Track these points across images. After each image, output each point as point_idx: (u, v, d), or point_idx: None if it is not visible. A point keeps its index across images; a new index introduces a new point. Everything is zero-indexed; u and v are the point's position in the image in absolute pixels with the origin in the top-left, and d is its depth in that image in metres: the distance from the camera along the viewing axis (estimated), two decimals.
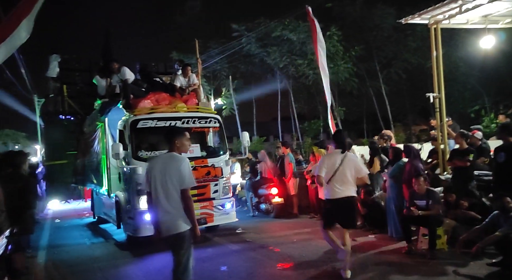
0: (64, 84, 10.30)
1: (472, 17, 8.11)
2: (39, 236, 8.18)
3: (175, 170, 3.46)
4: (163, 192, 3.47)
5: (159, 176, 3.48)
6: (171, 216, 3.46)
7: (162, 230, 3.51)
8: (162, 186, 3.47)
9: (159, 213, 3.51)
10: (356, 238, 6.45)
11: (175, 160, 3.53)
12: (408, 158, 6.24)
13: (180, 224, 3.46)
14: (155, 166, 3.57)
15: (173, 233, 3.45)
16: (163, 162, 3.55)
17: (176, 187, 3.46)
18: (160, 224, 3.52)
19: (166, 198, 3.46)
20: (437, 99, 8.02)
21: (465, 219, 5.67)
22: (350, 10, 19.70)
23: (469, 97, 20.80)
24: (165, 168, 3.49)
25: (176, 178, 3.45)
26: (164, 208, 3.47)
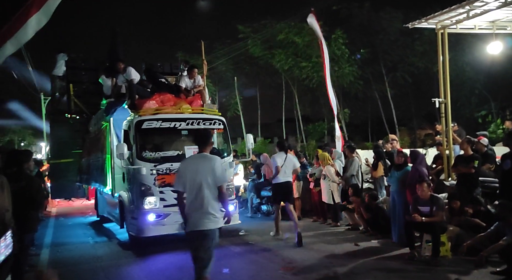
0: (71, 83, 10.36)
1: (479, 23, 8.07)
2: (43, 234, 8.24)
3: (210, 169, 3.65)
4: (198, 191, 3.62)
5: (194, 176, 3.64)
6: (201, 214, 3.60)
7: (190, 224, 3.64)
8: (197, 185, 3.62)
9: (193, 210, 3.64)
10: (359, 243, 6.43)
11: (208, 159, 3.73)
12: (413, 163, 6.21)
13: (212, 221, 3.62)
14: (188, 166, 3.73)
15: (199, 229, 3.59)
16: (197, 162, 3.72)
17: (210, 185, 3.64)
18: (190, 219, 3.64)
19: (201, 196, 3.62)
20: (443, 105, 7.98)
21: (470, 226, 5.63)
22: (357, 13, 19.66)
23: (476, 102, 20.67)
24: (199, 168, 3.66)
25: (211, 177, 3.63)
26: (194, 206, 3.62)
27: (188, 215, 3.67)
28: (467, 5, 7.04)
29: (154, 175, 6.54)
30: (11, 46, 5.02)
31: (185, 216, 3.71)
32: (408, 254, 5.53)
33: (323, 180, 8.20)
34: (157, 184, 6.54)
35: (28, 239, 4.75)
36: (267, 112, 26.60)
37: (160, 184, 6.56)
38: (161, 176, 6.58)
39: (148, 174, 6.51)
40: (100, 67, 10.26)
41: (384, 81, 20.29)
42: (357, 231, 7.38)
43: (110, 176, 7.55)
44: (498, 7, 6.95)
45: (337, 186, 8.07)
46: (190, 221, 3.65)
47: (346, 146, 8.57)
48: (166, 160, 6.74)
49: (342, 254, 5.88)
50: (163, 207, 6.53)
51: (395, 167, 6.56)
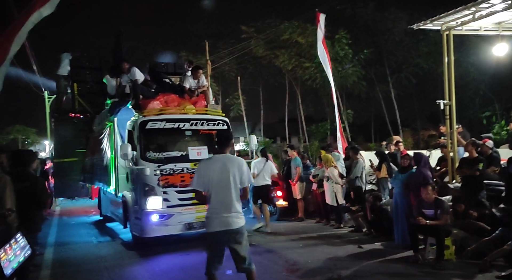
0: (75, 83, 10.39)
1: (485, 24, 8.01)
2: (47, 233, 8.27)
3: (238, 169, 3.72)
4: (222, 191, 3.66)
5: (220, 176, 3.67)
6: (230, 212, 3.66)
7: (218, 224, 3.66)
8: (221, 185, 3.67)
9: (216, 210, 3.67)
10: (363, 245, 6.42)
11: (234, 160, 3.81)
12: (417, 165, 6.19)
13: (240, 219, 3.73)
14: (211, 167, 3.73)
15: (230, 228, 3.65)
16: (222, 163, 3.73)
17: (236, 186, 3.72)
18: (218, 219, 3.66)
19: (227, 195, 3.67)
20: (448, 106, 7.94)
21: (474, 229, 5.60)
22: (362, 13, 19.58)
23: (480, 103, 20.56)
24: (226, 168, 3.69)
25: (237, 177, 3.71)
26: (222, 205, 3.66)
27: (215, 215, 3.67)
28: (473, 7, 7.00)
29: (158, 175, 6.55)
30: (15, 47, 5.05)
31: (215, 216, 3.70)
32: (412, 257, 5.51)
33: (327, 182, 8.19)
34: (161, 184, 6.55)
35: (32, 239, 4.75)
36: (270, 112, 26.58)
37: (164, 184, 6.56)
38: (165, 176, 6.59)
39: (152, 174, 6.51)
40: (105, 66, 10.29)
41: (388, 82, 20.21)
42: (361, 232, 7.37)
43: (114, 176, 7.57)
44: (504, 8, 6.90)
45: (340, 187, 8.06)
46: (219, 220, 3.65)
47: (350, 148, 8.54)
48: (170, 160, 6.75)
49: (346, 256, 5.87)
50: (167, 207, 6.53)
51: (399, 169, 6.53)
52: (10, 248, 3.40)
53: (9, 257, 3.36)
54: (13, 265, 3.35)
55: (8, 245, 3.39)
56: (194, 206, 6.69)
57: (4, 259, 3.30)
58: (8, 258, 3.34)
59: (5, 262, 3.30)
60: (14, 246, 3.45)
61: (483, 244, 4.91)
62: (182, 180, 6.66)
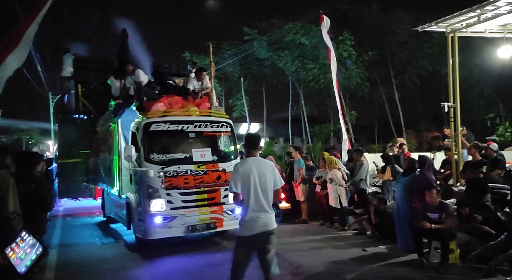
0: (79, 84, 10.43)
1: (490, 26, 7.99)
2: (51, 234, 8.28)
3: (270, 172, 3.83)
4: (260, 193, 3.74)
5: (255, 178, 3.74)
6: (267, 214, 3.76)
7: (258, 227, 3.71)
8: (259, 188, 3.74)
9: (255, 212, 3.73)
10: (367, 248, 6.40)
11: (266, 163, 3.92)
12: (421, 168, 6.15)
13: (274, 221, 3.81)
14: (247, 170, 3.79)
15: (269, 229, 3.74)
16: (257, 166, 3.82)
17: (271, 188, 3.81)
18: (257, 221, 3.72)
19: (264, 198, 3.75)
20: (452, 109, 7.91)
21: (479, 233, 5.57)
22: (366, 14, 19.54)
23: (484, 104, 20.47)
24: (261, 171, 3.79)
25: (272, 179, 3.82)
26: (261, 207, 3.74)
27: (254, 218, 3.71)
28: (478, 9, 6.98)
29: (162, 177, 6.55)
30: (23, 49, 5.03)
31: (250, 218, 3.74)
32: (416, 261, 5.48)
33: (330, 184, 8.17)
34: (164, 186, 6.55)
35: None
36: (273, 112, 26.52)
37: (167, 186, 6.57)
38: (168, 178, 6.59)
39: (156, 176, 6.52)
40: (109, 68, 10.33)
41: (391, 83, 20.15)
42: (365, 235, 7.34)
43: (118, 177, 7.58)
44: (510, 11, 6.88)
45: (344, 190, 8.03)
46: (258, 223, 3.70)
47: (354, 150, 8.52)
48: (174, 162, 6.75)
49: (350, 260, 5.85)
50: (170, 209, 6.54)
51: (402, 172, 6.51)
52: (18, 246, 3.38)
53: (19, 255, 3.33)
54: (26, 263, 3.33)
55: (15, 243, 3.37)
56: (198, 208, 6.71)
57: (14, 257, 3.28)
58: (18, 256, 3.32)
59: (16, 260, 3.28)
60: (22, 244, 3.42)
61: (488, 249, 4.88)
62: (185, 182, 6.67)
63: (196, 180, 6.74)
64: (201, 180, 6.78)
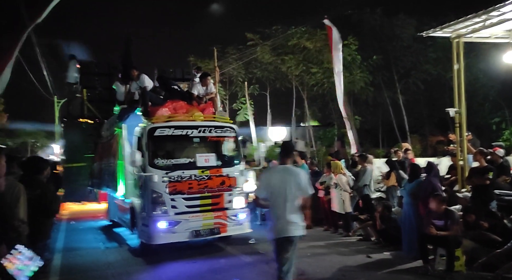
0: (84, 88, 10.52)
1: (496, 32, 7.93)
2: (55, 238, 8.31)
3: (297, 180, 3.92)
4: (286, 200, 3.85)
5: (281, 186, 3.88)
6: (288, 221, 3.84)
7: (282, 231, 3.84)
8: (281, 195, 3.86)
9: (276, 218, 3.88)
10: (371, 255, 6.35)
11: (295, 171, 4.03)
12: (428, 174, 6.12)
13: (298, 229, 3.89)
14: (274, 177, 3.99)
15: (287, 235, 3.84)
16: (284, 173, 3.97)
17: (295, 196, 3.90)
18: (280, 226, 3.85)
19: (289, 204, 3.85)
20: (458, 114, 7.86)
21: (485, 240, 5.51)
22: (369, 18, 19.52)
23: (489, 109, 20.33)
24: (286, 179, 3.91)
25: (297, 188, 3.90)
26: (286, 213, 3.84)
27: (278, 223, 3.87)
28: (483, 15, 6.94)
29: (166, 182, 6.56)
30: None
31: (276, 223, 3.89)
32: (421, 268, 5.44)
33: (334, 189, 8.13)
34: (169, 191, 6.56)
35: (42, 247, 4.78)
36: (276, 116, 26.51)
37: (172, 191, 6.58)
38: (173, 183, 6.60)
39: (160, 181, 6.53)
40: (114, 72, 10.41)
41: (396, 87, 20.08)
42: (369, 241, 7.29)
43: (122, 182, 7.60)
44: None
45: (348, 195, 7.99)
46: (281, 228, 3.85)
47: (358, 155, 8.49)
48: (178, 167, 6.76)
49: (355, 266, 5.81)
50: (174, 214, 6.54)
51: (408, 179, 6.47)
52: (15, 258, 3.38)
53: (18, 266, 3.35)
54: (26, 274, 3.34)
55: (11, 256, 3.37)
56: (201, 213, 6.71)
57: (13, 268, 3.29)
58: (16, 267, 3.33)
59: (15, 270, 3.30)
60: (19, 256, 3.43)
61: (495, 256, 4.82)
62: (189, 187, 6.68)
63: (200, 185, 6.75)
64: (205, 185, 6.79)
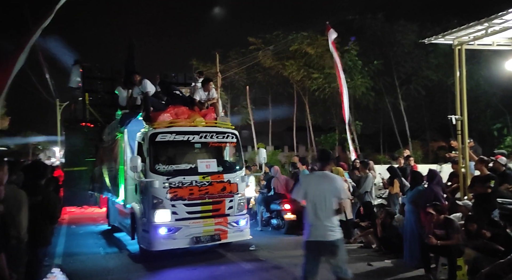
0: (87, 92, 10.54)
1: (498, 39, 7.94)
2: (55, 243, 8.27)
3: (334, 186, 4.09)
4: (323, 205, 4.00)
5: (318, 192, 4.05)
6: (328, 225, 3.98)
7: (317, 235, 3.98)
8: (318, 200, 4.02)
9: (312, 221, 4.02)
10: (372, 263, 6.31)
11: (331, 177, 4.20)
12: (430, 182, 6.09)
13: (336, 232, 4.01)
14: (312, 182, 4.20)
15: (325, 240, 3.96)
16: (321, 179, 4.15)
17: (332, 200, 4.03)
18: (317, 230, 3.99)
19: (325, 210, 3.99)
20: (459, 122, 7.84)
21: (488, 250, 5.47)
22: (371, 24, 19.59)
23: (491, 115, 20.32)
24: (324, 185, 4.08)
25: (334, 193, 4.06)
26: (322, 218, 3.98)
27: (313, 226, 4.01)
28: (485, 22, 6.94)
29: (167, 188, 6.54)
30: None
31: (312, 228, 4.02)
32: (423, 277, 5.40)
33: None
34: (169, 197, 6.54)
35: (42, 253, 4.76)
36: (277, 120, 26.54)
37: (172, 197, 6.55)
38: (174, 189, 6.58)
39: (161, 187, 6.51)
40: (116, 77, 10.43)
41: (397, 93, 20.10)
42: (370, 249, 7.25)
43: (123, 187, 7.59)
44: None
45: (349, 201, 7.96)
46: (316, 231, 3.99)
47: (360, 162, 8.47)
48: (179, 173, 6.74)
49: (356, 275, 5.70)
50: (175, 220, 6.52)
51: (410, 186, 6.45)
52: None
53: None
54: None
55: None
56: (202, 219, 6.68)
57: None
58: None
59: None
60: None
61: (498, 267, 4.77)
62: (190, 192, 6.65)
63: (201, 191, 6.73)
64: (206, 191, 6.76)
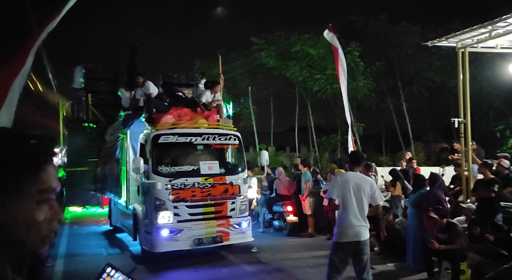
0: (89, 93, 10.56)
1: (502, 42, 7.92)
2: (58, 243, 8.30)
3: (369, 187, 4.14)
4: (355, 204, 4.04)
5: (353, 192, 4.06)
6: (360, 224, 4.03)
7: (351, 235, 4.01)
8: (354, 199, 4.05)
9: (348, 221, 4.02)
10: (374, 266, 6.27)
11: (366, 180, 4.24)
12: (431, 186, 6.08)
13: (367, 232, 4.11)
14: (348, 181, 4.13)
15: (360, 239, 4.01)
16: (356, 180, 4.15)
17: (367, 202, 4.11)
18: (350, 230, 4.01)
19: (359, 210, 4.04)
20: (462, 125, 7.82)
21: (491, 254, 5.45)
22: (373, 25, 19.55)
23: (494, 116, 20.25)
24: (359, 186, 4.10)
25: (368, 195, 4.11)
26: (356, 218, 4.02)
27: (347, 226, 4.01)
28: (489, 25, 6.93)
29: (169, 190, 6.55)
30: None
31: (346, 226, 4.03)
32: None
33: None
34: (172, 198, 6.54)
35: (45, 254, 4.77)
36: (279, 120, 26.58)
37: (175, 198, 6.56)
38: (176, 190, 6.58)
39: (163, 188, 6.52)
40: (119, 78, 10.45)
41: (399, 94, 20.05)
42: (372, 251, 7.20)
43: (125, 188, 7.60)
44: None
45: None
46: (351, 232, 4.00)
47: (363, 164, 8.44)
48: (181, 174, 6.76)
49: None
50: (177, 222, 6.52)
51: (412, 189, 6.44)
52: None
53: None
54: None
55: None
56: (204, 221, 6.69)
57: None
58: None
59: None
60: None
61: (502, 272, 4.74)
62: (192, 194, 6.66)
63: (203, 193, 6.73)
64: (208, 192, 6.77)
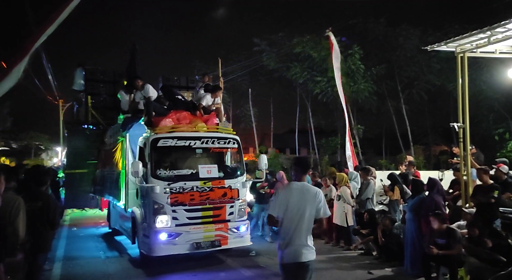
0: (89, 95, 10.57)
1: (500, 47, 7.92)
2: (56, 246, 8.29)
3: (313, 201, 3.58)
4: (295, 222, 3.52)
5: (297, 206, 3.54)
6: (302, 244, 3.51)
7: (290, 256, 3.51)
8: (294, 216, 3.52)
9: (286, 240, 3.52)
10: (372, 271, 6.30)
11: (312, 191, 3.64)
12: (430, 191, 6.07)
13: (311, 253, 3.54)
14: (291, 195, 3.60)
15: (301, 260, 3.49)
16: (300, 193, 3.60)
17: (311, 217, 3.56)
18: (289, 250, 3.51)
19: (296, 227, 3.51)
20: (462, 129, 7.81)
21: (489, 260, 5.44)
22: (373, 28, 19.58)
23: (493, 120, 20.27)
24: (303, 199, 3.56)
25: (313, 209, 3.56)
26: (293, 237, 3.51)
27: (286, 245, 3.52)
28: (488, 31, 6.93)
29: (168, 194, 6.55)
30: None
31: (286, 246, 3.55)
32: None
33: (337, 201, 8.08)
34: (170, 202, 6.54)
35: (42, 259, 4.78)
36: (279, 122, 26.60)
37: (173, 202, 6.56)
38: (174, 194, 6.59)
39: (162, 192, 6.52)
40: (118, 80, 10.46)
41: (399, 97, 20.07)
42: (370, 256, 7.23)
43: (124, 191, 7.60)
44: None
45: (351, 208, 7.95)
46: (288, 251, 3.51)
47: (361, 169, 8.45)
48: (180, 178, 6.75)
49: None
50: (175, 226, 6.52)
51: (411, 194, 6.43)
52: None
53: None
54: None
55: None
56: (203, 225, 6.69)
57: None
58: None
59: None
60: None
61: (500, 279, 4.75)
62: (191, 198, 6.66)
63: (202, 197, 6.73)
64: (207, 196, 6.77)
